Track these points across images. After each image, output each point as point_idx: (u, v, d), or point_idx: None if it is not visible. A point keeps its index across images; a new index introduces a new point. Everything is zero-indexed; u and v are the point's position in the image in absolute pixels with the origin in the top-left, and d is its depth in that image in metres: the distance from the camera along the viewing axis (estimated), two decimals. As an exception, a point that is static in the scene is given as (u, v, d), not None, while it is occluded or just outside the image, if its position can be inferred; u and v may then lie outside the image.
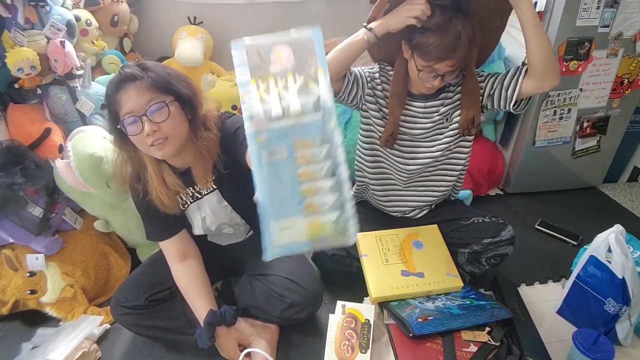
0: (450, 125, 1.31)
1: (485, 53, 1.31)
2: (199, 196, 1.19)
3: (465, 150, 1.36)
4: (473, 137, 1.36)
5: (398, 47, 1.24)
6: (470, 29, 1.11)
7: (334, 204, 0.61)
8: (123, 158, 1.09)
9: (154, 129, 0.98)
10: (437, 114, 1.30)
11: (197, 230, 1.24)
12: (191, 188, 1.17)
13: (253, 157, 0.60)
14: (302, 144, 0.61)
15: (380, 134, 1.33)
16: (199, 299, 1.15)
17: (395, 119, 1.28)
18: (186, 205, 1.20)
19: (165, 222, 1.17)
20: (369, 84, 1.30)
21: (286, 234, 0.61)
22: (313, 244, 0.62)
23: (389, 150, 1.35)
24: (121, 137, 1.05)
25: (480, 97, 1.28)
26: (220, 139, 1.10)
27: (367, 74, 1.31)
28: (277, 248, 0.61)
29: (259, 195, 0.61)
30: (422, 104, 1.30)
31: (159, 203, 1.10)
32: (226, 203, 1.21)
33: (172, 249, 1.19)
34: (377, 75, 1.31)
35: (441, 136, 1.32)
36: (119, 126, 1.00)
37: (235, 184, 1.16)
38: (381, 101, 1.31)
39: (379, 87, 1.30)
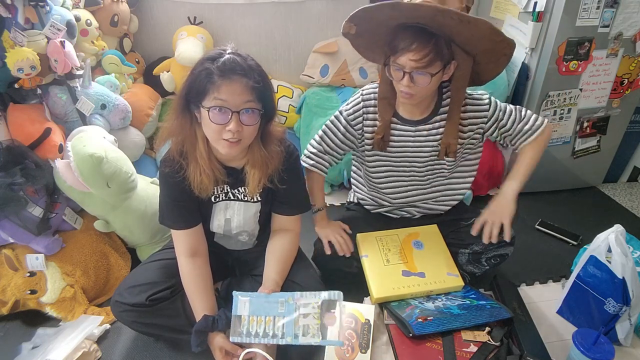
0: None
1: (484, 76, 1.28)
2: (232, 198, 1.20)
3: (467, 173, 1.41)
4: (479, 153, 1.40)
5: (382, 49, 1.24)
6: (443, 31, 1.10)
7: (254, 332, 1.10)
8: (176, 126, 1.07)
9: (237, 128, 1.00)
10: (435, 142, 1.30)
11: (216, 228, 1.24)
12: (227, 186, 1.17)
13: None
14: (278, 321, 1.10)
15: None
16: (199, 300, 1.15)
17: (385, 123, 1.28)
18: (217, 199, 1.19)
19: (186, 211, 1.16)
20: (351, 135, 1.34)
21: None
22: None
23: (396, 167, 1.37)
24: (185, 107, 1.04)
25: (481, 130, 1.31)
26: (285, 157, 1.15)
27: (348, 119, 1.33)
28: None
29: None
30: (413, 128, 1.30)
31: (196, 182, 1.09)
32: (259, 216, 1.23)
33: (184, 241, 1.18)
34: (363, 109, 1.32)
35: (439, 166, 1.36)
36: (204, 106, 0.99)
37: (271, 201, 1.23)
38: (378, 123, 1.32)
39: (371, 111, 1.31)
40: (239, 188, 1.18)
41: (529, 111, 1.33)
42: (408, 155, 1.33)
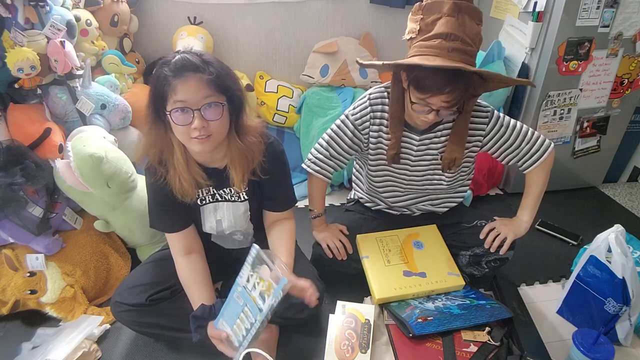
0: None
1: (489, 87, 1.26)
2: (220, 199, 1.19)
3: (467, 177, 1.39)
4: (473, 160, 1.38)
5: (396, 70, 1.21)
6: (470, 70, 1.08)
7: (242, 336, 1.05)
8: (151, 137, 1.06)
9: (203, 124, 0.98)
10: (435, 150, 1.29)
11: (209, 230, 1.24)
12: (213, 188, 1.17)
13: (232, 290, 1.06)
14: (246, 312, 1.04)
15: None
16: (197, 293, 1.15)
17: (397, 139, 1.27)
18: (204, 202, 1.19)
19: (172, 215, 1.17)
20: (358, 139, 1.31)
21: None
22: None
23: (395, 172, 1.36)
24: (156, 116, 1.03)
25: (479, 144, 1.29)
26: (266, 147, 1.13)
27: (355, 124, 1.28)
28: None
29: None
30: (417, 137, 1.28)
31: (177, 187, 1.09)
32: (250, 214, 1.23)
33: (177, 242, 1.18)
34: (370, 114, 1.28)
35: (438, 178, 1.34)
36: (167, 111, 0.98)
37: (260, 197, 1.22)
38: (384, 128, 1.29)
39: (378, 116, 1.28)
40: (225, 189, 1.18)
41: (535, 132, 1.30)
42: (409, 164, 1.32)
